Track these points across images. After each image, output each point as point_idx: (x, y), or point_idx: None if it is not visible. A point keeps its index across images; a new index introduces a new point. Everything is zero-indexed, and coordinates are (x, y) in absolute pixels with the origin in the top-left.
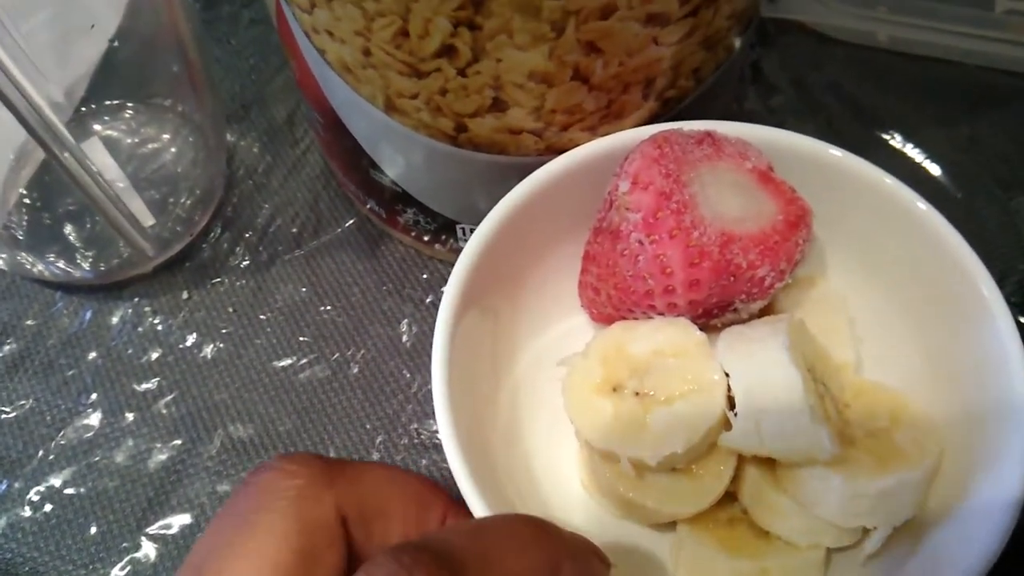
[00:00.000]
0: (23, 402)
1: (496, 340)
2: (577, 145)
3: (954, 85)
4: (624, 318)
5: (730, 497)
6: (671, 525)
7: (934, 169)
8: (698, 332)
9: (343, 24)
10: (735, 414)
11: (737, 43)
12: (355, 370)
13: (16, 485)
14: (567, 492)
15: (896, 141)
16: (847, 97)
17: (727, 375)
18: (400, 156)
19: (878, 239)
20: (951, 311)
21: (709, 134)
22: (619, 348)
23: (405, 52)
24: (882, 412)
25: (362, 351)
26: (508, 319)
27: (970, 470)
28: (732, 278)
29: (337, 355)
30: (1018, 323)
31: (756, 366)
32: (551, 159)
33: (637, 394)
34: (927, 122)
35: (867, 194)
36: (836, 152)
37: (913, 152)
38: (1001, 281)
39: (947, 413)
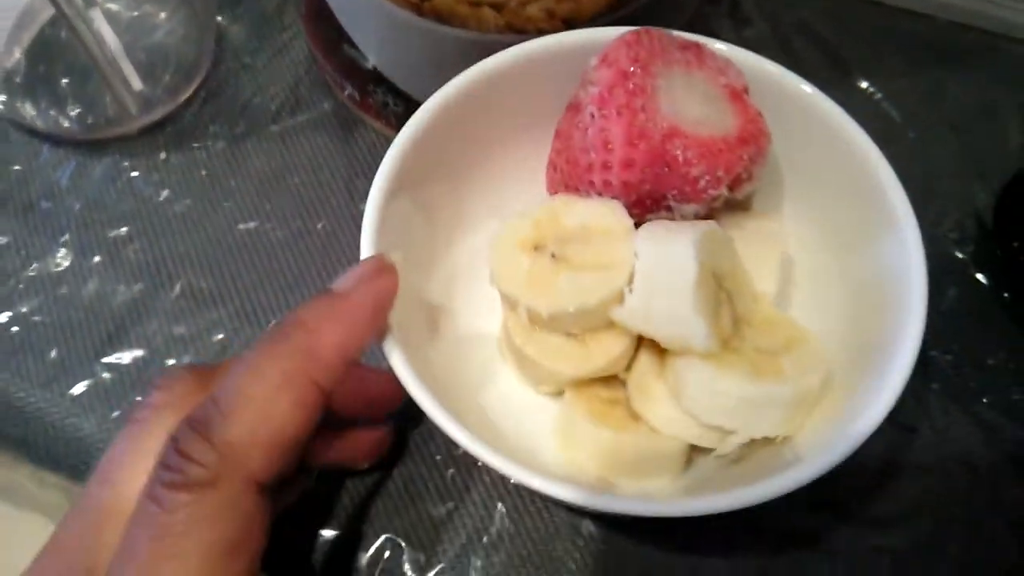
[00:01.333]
0: (1, 237)
1: (434, 218)
2: (535, 26)
3: (923, 37)
4: (574, 191)
5: (619, 385)
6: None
7: (892, 111)
8: (626, 216)
9: None
10: (631, 291)
11: None
12: (314, 238)
13: None
14: (485, 362)
15: (861, 83)
16: (818, 37)
17: (637, 258)
18: (372, 30)
19: (837, 189)
20: (875, 266)
21: (697, 44)
22: (553, 215)
23: None
24: (779, 338)
25: (323, 222)
26: (452, 200)
27: (847, 410)
28: (666, 168)
29: (299, 223)
30: (955, 257)
31: (661, 252)
32: (512, 39)
33: (554, 256)
34: (892, 70)
35: (836, 145)
36: (817, 96)
37: (874, 94)
38: (942, 217)
39: (846, 361)
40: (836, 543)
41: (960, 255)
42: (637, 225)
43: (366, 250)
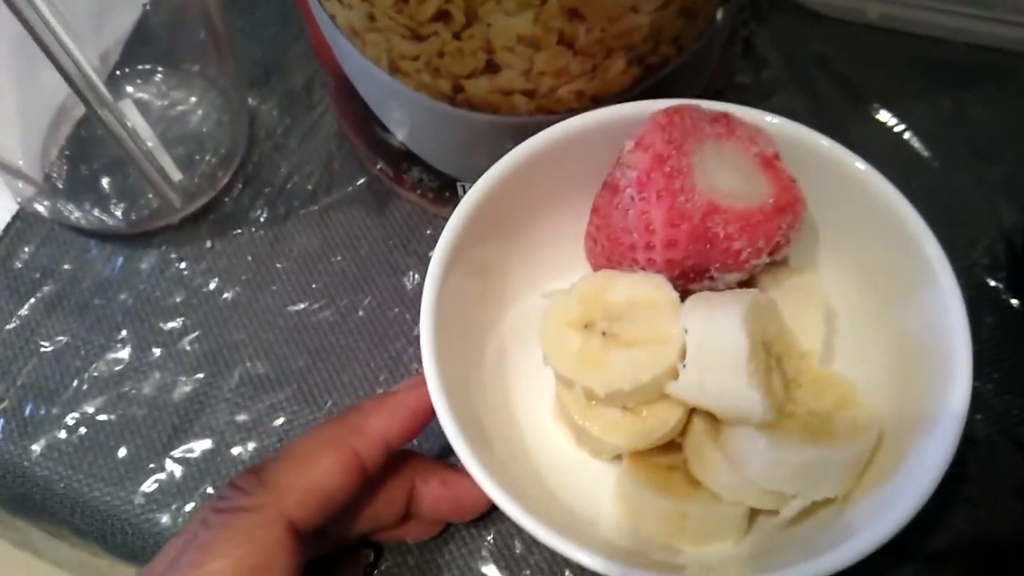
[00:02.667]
0: (60, 338)
1: (487, 291)
2: (565, 107)
3: (940, 61)
4: (616, 267)
5: (676, 450)
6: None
7: (914, 141)
8: (671, 290)
9: None
10: (684, 365)
11: (719, 14)
12: (361, 314)
13: (54, 411)
14: (539, 425)
15: (880, 115)
16: (835, 72)
17: (686, 332)
18: (404, 116)
19: (869, 242)
20: (917, 318)
21: (725, 115)
22: (598, 292)
23: (405, 17)
24: (829, 397)
25: (368, 298)
26: (499, 273)
27: (899, 467)
28: (709, 245)
29: (346, 301)
30: (988, 285)
31: (711, 326)
32: (543, 119)
33: (604, 334)
34: (911, 96)
35: (863, 197)
36: (857, 162)
37: (895, 124)
38: (972, 245)
39: (894, 414)
40: None
41: (993, 283)
42: (682, 296)
43: (425, 326)
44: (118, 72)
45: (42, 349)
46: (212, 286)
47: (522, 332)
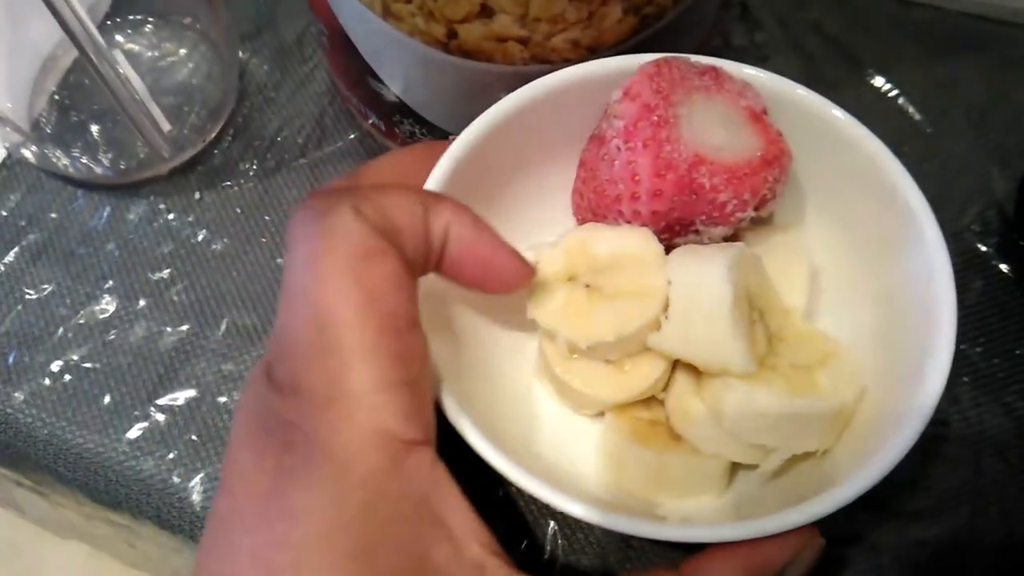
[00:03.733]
0: (45, 286)
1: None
2: (560, 57)
3: (934, 29)
4: (602, 219)
5: (659, 405)
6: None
7: (908, 107)
8: (656, 243)
9: None
10: (667, 317)
11: None
12: None
13: (38, 359)
14: (523, 383)
15: (875, 80)
16: (830, 36)
17: (670, 284)
18: (397, 65)
19: (856, 200)
20: (901, 275)
21: (714, 68)
22: (584, 245)
23: None
24: (813, 352)
25: None
26: (504, 207)
27: (881, 422)
28: (694, 196)
29: None
30: (979, 250)
31: (695, 277)
32: (537, 69)
33: (588, 286)
34: (905, 63)
35: (852, 155)
36: (835, 111)
37: (890, 90)
38: (963, 211)
39: (878, 372)
40: (880, 539)
41: (983, 248)
42: (667, 250)
43: None
44: (108, 22)
45: (27, 296)
46: (200, 238)
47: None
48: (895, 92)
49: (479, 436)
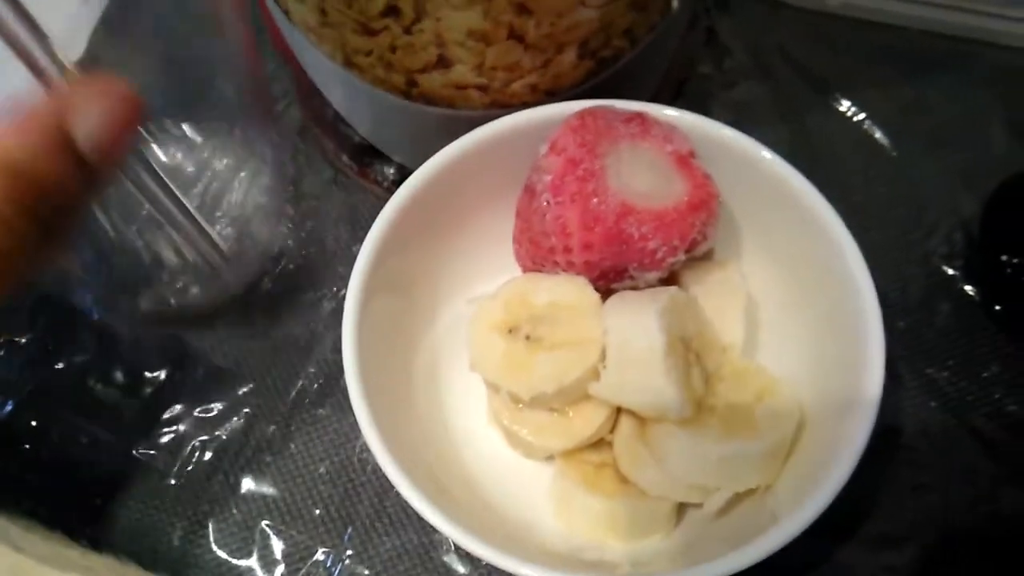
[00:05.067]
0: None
1: (414, 301)
2: (519, 100)
3: (899, 49)
4: (540, 269)
5: (606, 447)
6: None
7: (874, 129)
8: (592, 292)
9: None
10: (604, 366)
11: (674, 4)
12: (329, 305)
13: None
14: (473, 431)
15: (841, 104)
16: (796, 61)
17: (607, 332)
18: (362, 110)
19: (786, 233)
20: (833, 305)
21: (640, 115)
22: (522, 296)
23: (355, 11)
24: (750, 389)
25: (335, 288)
26: (427, 281)
27: (820, 451)
28: (624, 245)
29: (311, 293)
30: (945, 273)
31: (629, 326)
32: (497, 113)
33: (528, 337)
34: (871, 84)
35: (779, 190)
36: (762, 151)
37: (855, 113)
38: (930, 234)
39: (814, 400)
40: (848, 564)
41: (950, 271)
42: (604, 295)
43: (349, 351)
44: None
45: None
46: None
47: (453, 338)
48: (861, 115)
49: (431, 508)
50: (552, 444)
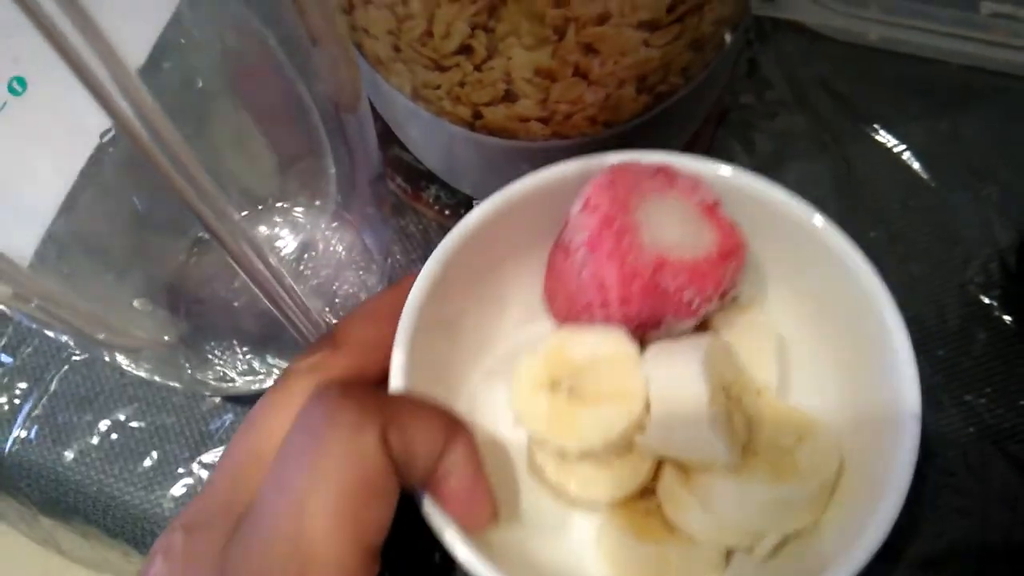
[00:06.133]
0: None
1: (454, 349)
2: (579, 132)
3: (937, 82)
4: (576, 321)
5: (651, 493)
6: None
7: (912, 160)
8: (630, 344)
9: (377, 24)
10: (649, 418)
11: (727, 41)
12: None
13: (87, 417)
14: (515, 478)
15: (879, 135)
16: (836, 92)
17: (649, 383)
18: (425, 139)
19: (811, 273)
20: (863, 341)
21: (665, 168)
22: (561, 350)
23: (430, 49)
24: (790, 431)
25: None
26: (466, 329)
27: (864, 487)
28: (660, 298)
29: None
30: (982, 303)
31: (672, 377)
32: (557, 144)
33: (570, 392)
34: (910, 116)
35: (800, 232)
36: (777, 193)
37: (894, 144)
38: (967, 263)
39: (852, 437)
40: None
41: (987, 300)
42: (641, 343)
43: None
44: None
45: (74, 358)
46: None
47: (490, 386)
48: (900, 147)
49: (481, 561)
50: (599, 496)
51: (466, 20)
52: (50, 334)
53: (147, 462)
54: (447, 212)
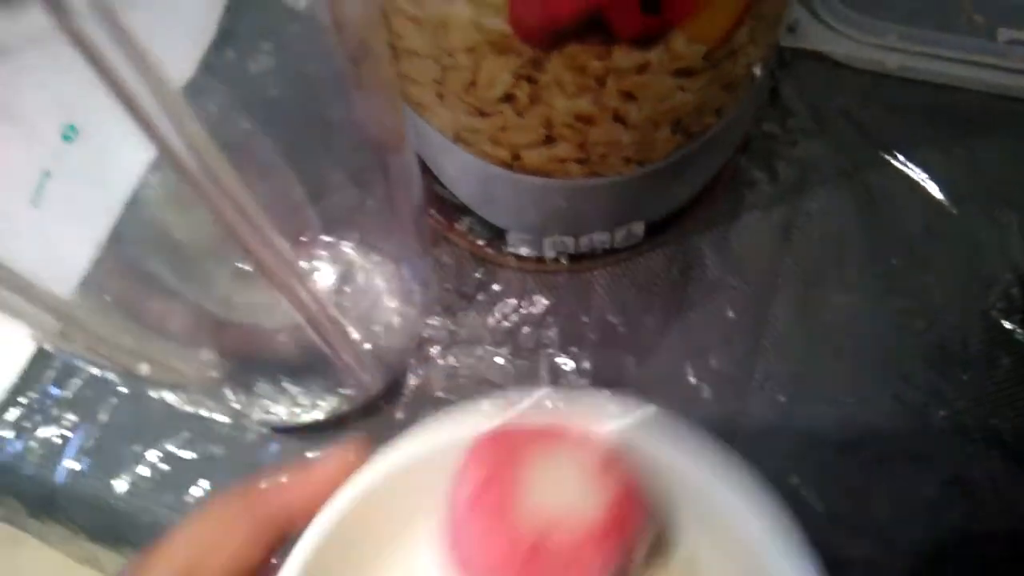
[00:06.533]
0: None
1: None
2: (614, 171)
3: (956, 109)
4: None
5: None
6: None
7: (932, 187)
8: None
9: (422, 73)
10: None
11: (756, 76)
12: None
13: (136, 448)
14: None
15: (899, 161)
16: (856, 120)
17: None
18: (462, 176)
19: (723, 530)
20: None
21: (552, 430)
22: None
23: (473, 97)
24: None
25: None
26: None
27: None
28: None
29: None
30: (1004, 328)
31: None
32: (592, 182)
33: None
34: (929, 143)
35: (706, 499)
36: (681, 457)
37: (915, 172)
38: (989, 289)
39: None
40: None
41: (1008, 325)
42: None
43: None
44: None
45: (121, 389)
46: None
47: None
48: (921, 174)
49: None
50: None
51: (511, 71)
52: (95, 371)
53: (198, 492)
54: (480, 242)
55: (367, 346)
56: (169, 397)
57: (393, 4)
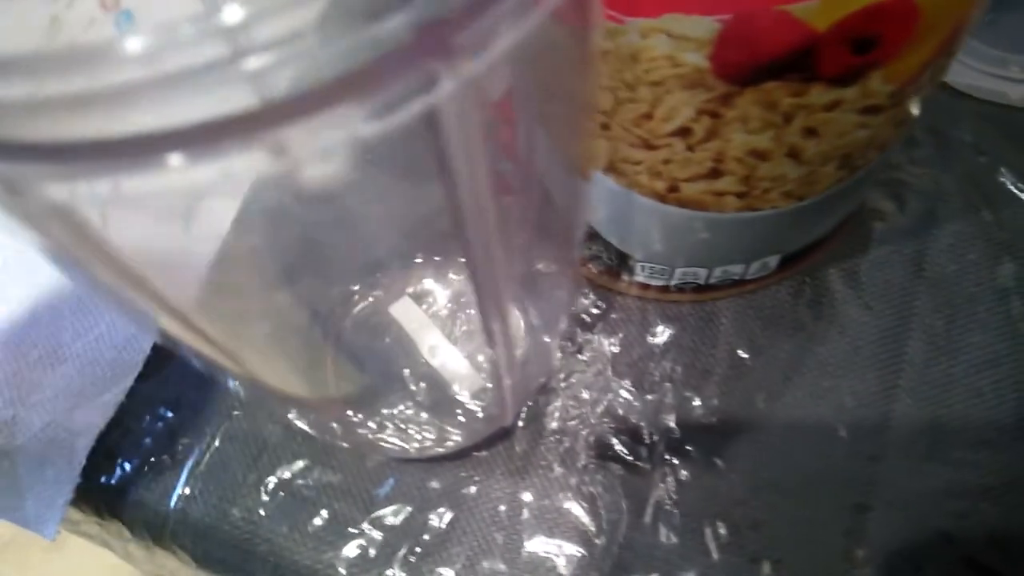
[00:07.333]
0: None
1: None
2: (771, 205)
3: None
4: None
5: None
6: None
7: None
8: None
9: None
10: None
11: (917, 113)
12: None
13: (252, 475)
14: None
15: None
16: (981, 151)
17: None
18: (604, 206)
19: None
20: None
21: None
22: None
23: (643, 130)
24: None
25: None
26: None
27: None
28: None
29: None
30: None
31: None
32: (746, 216)
33: None
34: None
35: None
36: None
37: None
38: None
39: None
40: None
41: None
42: None
43: None
44: None
45: (235, 412)
46: None
47: None
48: None
49: None
50: None
51: (695, 106)
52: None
53: (317, 521)
54: (599, 270)
55: (508, 381)
56: (287, 421)
57: None
